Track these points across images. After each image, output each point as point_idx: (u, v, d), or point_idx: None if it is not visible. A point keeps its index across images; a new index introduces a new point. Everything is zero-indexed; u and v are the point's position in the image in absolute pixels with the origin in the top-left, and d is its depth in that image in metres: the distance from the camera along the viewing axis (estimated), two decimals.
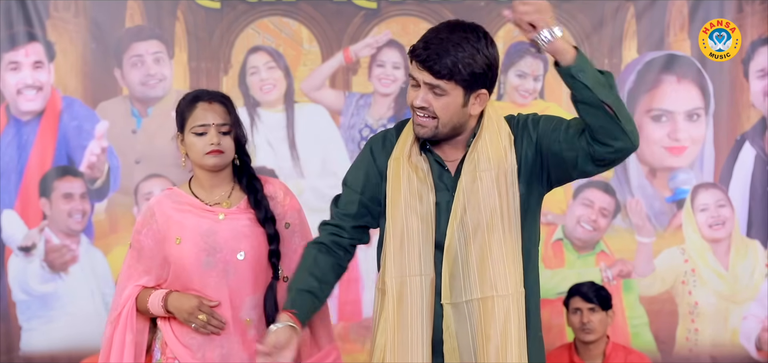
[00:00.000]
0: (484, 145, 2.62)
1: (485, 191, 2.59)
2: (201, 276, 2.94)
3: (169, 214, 3.01)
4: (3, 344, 4.84)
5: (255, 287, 2.97)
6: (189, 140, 2.99)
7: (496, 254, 2.57)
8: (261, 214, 2.98)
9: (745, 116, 4.85)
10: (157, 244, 3.00)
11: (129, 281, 3.05)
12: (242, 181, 3.03)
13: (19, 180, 4.86)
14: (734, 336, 4.80)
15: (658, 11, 4.84)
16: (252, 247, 2.96)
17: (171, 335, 2.99)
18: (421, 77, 2.56)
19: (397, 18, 4.91)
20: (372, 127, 4.89)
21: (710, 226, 4.83)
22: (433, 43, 2.55)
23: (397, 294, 2.62)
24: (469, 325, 2.58)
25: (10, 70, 4.86)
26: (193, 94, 3.05)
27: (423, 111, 2.58)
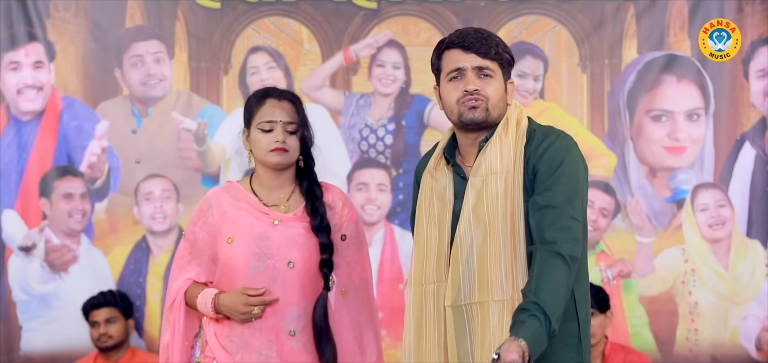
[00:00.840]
0: (494, 148, 2.61)
1: (491, 195, 2.58)
2: (247, 279, 2.89)
3: (226, 209, 2.95)
4: (3, 344, 4.84)
5: (302, 297, 2.91)
6: (254, 136, 2.92)
7: (495, 260, 2.55)
8: (316, 221, 2.92)
9: (745, 116, 4.85)
10: (210, 238, 2.95)
11: (180, 273, 3.00)
12: (303, 184, 2.97)
13: (20, 180, 4.86)
14: (734, 336, 4.80)
15: (658, 11, 4.84)
16: (303, 256, 2.91)
17: (212, 335, 2.93)
18: (469, 61, 2.61)
19: (397, 18, 4.91)
20: (372, 127, 4.89)
21: (710, 226, 4.83)
22: (471, 32, 2.64)
23: (416, 302, 2.65)
24: (467, 330, 2.57)
25: (10, 70, 4.86)
26: (263, 90, 3.00)
27: (476, 94, 2.60)
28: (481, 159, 2.61)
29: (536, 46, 4.88)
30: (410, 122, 4.88)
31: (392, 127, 4.88)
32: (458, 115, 2.63)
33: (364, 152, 4.88)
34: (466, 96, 2.60)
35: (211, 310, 2.91)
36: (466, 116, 2.61)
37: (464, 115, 2.62)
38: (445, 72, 2.65)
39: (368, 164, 4.86)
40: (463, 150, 2.69)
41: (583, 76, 4.90)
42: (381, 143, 4.88)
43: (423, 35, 4.89)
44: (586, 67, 4.90)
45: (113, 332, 4.53)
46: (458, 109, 2.62)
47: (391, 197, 4.84)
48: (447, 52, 2.65)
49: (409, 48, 4.89)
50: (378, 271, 4.82)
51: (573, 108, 4.89)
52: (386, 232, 4.84)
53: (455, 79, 2.63)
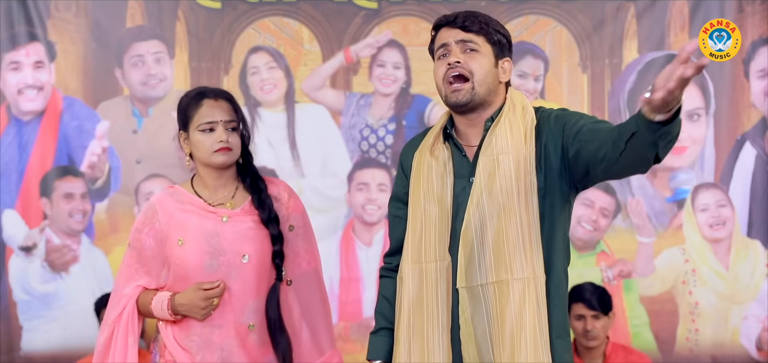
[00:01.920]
0: (503, 129, 2.60)
1: (503, 174, 2.56)
2: (203, 279, 2.87)
3: (172, 214, 2.93)
4: (4, 344, 4.84)
5: (258, 290, 2.91)
6: (195, 138, 2.90)
7: (513, 238, 2.53)
8: (265, 214, 2.92)
9: (745, 116, 4.85)
10: (158, 244, 2.93)
11: (128, 282, 2.97)
12: (246, 180, 2.96)
13: (20, 180, 4.86)
14: (735, 336, 4.80)
15: (659, 11, 4.84)
16: (256, 249, 2.90)
17: (170, 338, 2.92)
18: (452, 36, 2.61)
19: (397, 18, 4.91)
20: (372, 127, 4.89)
21: (711, 226, 4.83)
22: (459, 11, 2.66)
23: (415, 281, 2.61)
24: (484, 310, 2.54)
25: (11, 70, 4.86)
26: (196, 91, 2.98)
27: (458, 67, 2.59)
28: (491, 138, 2.59)
29: (537, 46, 4.89)
30: (411, 122, 4.88)
31: (393, 127, 4.88)
32: (445, 97, 2.63)
33: (365, 152, 4.88)
34: (449, 69, 2.60)
35: (168, 313, 2.89)
36: (451, 99, 2.61)
37: (449, 98, 2.61)
38: (435, 51, 2.66)
39: (369, 164, 4.87)
40: (462, 130, 2.67)
41: (584, 76, 4.90)
42: (381, 143, 4.89)
43: (423, 35, 4.89)
44: (586, 67, 4.90)
45: None
46: (445, 91, 2.62)
47: None
48: (437, 34, 2.67)
49: (409, 48, 4.89)
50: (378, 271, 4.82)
51: (573, 108, 4.84)
52: (386, 232, 4.83)
53: (442, 57, 2.63)
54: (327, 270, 4.93)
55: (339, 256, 4.85)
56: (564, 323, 2.63)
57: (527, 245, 2.54)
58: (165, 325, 2.94)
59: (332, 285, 4.82)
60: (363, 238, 4.86)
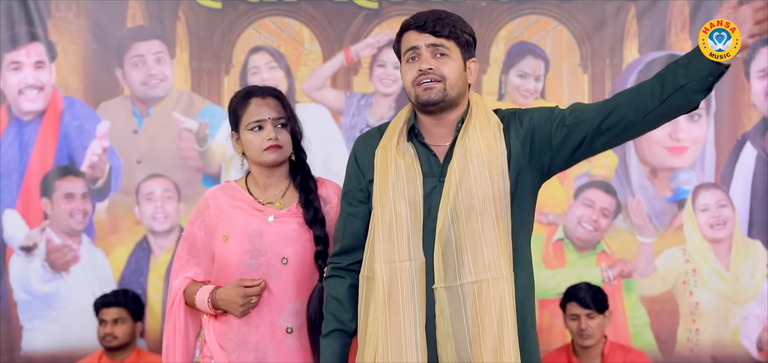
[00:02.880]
0: (474, 131, 2.64)
1: (476, 175, 2.60)
2: (242, 276, 2.88)
3: (222, 208, 2.95)
4: (4, 344, 4.84)
5: (298, 293, 2.89)
6: (245, 138, 2.92)
7: (490, 238, 2.58)
8: (309, 214, 2.91)
9: (746, 116, 4.85)
10: (207, 237, 2.95)
11: (179, 273, 3.00)
12: (297, 178, 2.97)
13: (21, 180, 4.87)
14: (735, 336, 4.80)
15: (659, 11, 4.84)
16: (297, 252, 2.89)
17: (210, 334, 2.93)
18: (423, 40, 2.63)
19: (398, 18, 4.89)
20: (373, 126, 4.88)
21: (711, 226, 4.83)
22: (427, 13, 2.66)
23: (387, 280, 2.61)
24: (463, 309, 2.57)
25: (11, 70, 4.87)
26: (245, 91, 2.98)
27: (430, 73, 2.62)
28: (464, 139, 2.64)
29: (537, 46, 4.89)
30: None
31: None
32: (415, 97, 2.65)
33: None
34: (421, 75, 2.63)
35: (209, 306, 2.91)
36: (422, 97, 2.63)
37: (420, 97, 2.64)
38: (403, 52, 2.67)
39: None
40: (427, 129, 2.70)
41: (584, 76, 4.90)
42: None
43: None
44: (587, 67, 4.90)
45: (119, 333, 4.51)
46: (414, 91, 2.65)
47: None
48: (404, 35, 2.68)
49: None
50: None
51: None
52: None
53: (411, 60, 2.65)
54: None
55: None
56: (534, 314, 2.70)
57: (503, 244, 2.59)
58: (207, 321, 2.95)
59: None
60: None
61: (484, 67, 4.84)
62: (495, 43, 4.85)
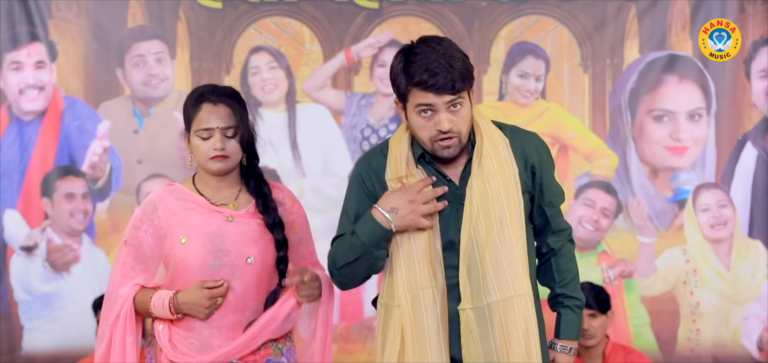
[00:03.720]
0: (487, 152, 2.68)
1: (494, 195, 2.65)
2: (204, 278, 2.82)
3: (173, 211, 2.86)
4: (5, 344, 4.84)
5: (257, 293, 2.87)
6: (194, 142, 2.85)
7: (510, 255, 2.64)
8: (270, 219, 2.87)
9: (746, 116, 4.85)
10: (157, 242, 2.85)
11: (124, 280, 2.89)
12: (250, 183, 2.90)
13: (21, 180, 4.87)
14: (736, 336, 4.80)
15: (660, 11, 4.84)
16: (260, 252, 2.85)
17: (166, 340, 2.85)
18: (441, 101, 2.59)
19: (398, 18, 4.91)
20: (374, 127, 4.89)
21: (712, 226, 4.83)
22: (438, 66, 2.58)
23: (411, 307, 2.66)
24: (490, 328, 2.63)
25: (12, 70, 4.87)
26: (198, 93, 2.89)
27: (450, 133, 2.61)
28: (478, 161, 2.67)
29: (538, 46, 4.88)
30: None
31: (394, 127, 4.88)
32: (432, 151, 2.66)
33: None
34: (440, 135, 2.62)
35: (170, 311, 2.82)
36: (442, 154, 2.65)
37: (439, 153, 2.65)
38: (414, 104, 2.62)
39: None
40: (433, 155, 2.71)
41: (585, 76, 4.90)
42: None
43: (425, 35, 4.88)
44: (587, 67, 4.89)
45: None
46: (432, 147, 2.65)
47: None
48: (416, 90, 2.60)
49: None
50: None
51: (574, 108, 4.89)
52: None
53: (425, 114, 2.62)
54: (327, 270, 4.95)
55: None
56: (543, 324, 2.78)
57: (522, 261, 2.66)
58: (162, 327, 2.87)
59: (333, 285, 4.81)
60: None
61: (484, 67, 4.84)
62: (495, 43, 4.84)
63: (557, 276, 2.76)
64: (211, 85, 2.94)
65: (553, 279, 2.77)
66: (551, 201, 2.77)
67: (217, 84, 2.99)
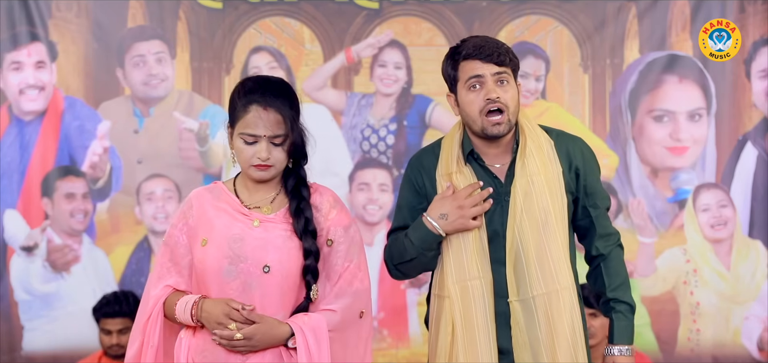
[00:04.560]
0: (531, 151, 2.80)
1: (538, 193, 2.77)
2: (220, 285, 2.61)
3: (205, 210, 2.68)
4: (5, 344, 4.84)
5: (280, 306, 2.61)
6: (237, 144, 2.64)
7: (554, 250, 2.76)
8: (300, 224, 2.63)
9: (746, 117, 4.85)
10: (190, 242, 2.68)
11: (159, 281, 2.70)
12: (288, 183, 2.68)
13: (21, 180, 4.87)
14: (736, 336, 4.79)
15: (660, 11, 4.84)
16: (280, 260, 2.60)
17: (185, 351, 2.64)
18: (488, 70, 2.74)
19: (398, 18, 4.91)
20: (374, 127, 4.89)
21: (712, 226, 4.83)
22: (486, 42, 2.78)
23: (461, 298, 2.77)
24: (536, 319, 2.75)
25: (12, 70, 4.87)
26: (248, 89, 2.65)
27: (497, 102, 2.73)
28: (523, 160, 2.79)
29: (538, 46, 4.88)
30: (412, 122, 4.88)
31: (394, 127, 4.88)
32: (482, 129, 2.77)
33: (366, 152, 4.88)
34: (489, 103, 2.74)
35: (191, 317, 2.62)
36: (492, 131, 2.76)
37: (489, 130, 2.76)
38: (464, 80, 2.77)
39: (370, 164, 4.87)
40: (483, 151, 2.82)
41: (585, 76, 4.90)
42: (383, 143, 4.89)
43: (425, 35, 4.89)
44: (587, 68, 4.89)
45: (125, 342, 4.47)
46: (482, 123, 2.76)
47: (393, 197, 4.84)
48: (465, 62, 2.77)
49: (410, 48, 4.89)
50: (379, 271, 4.81)
51: (574, 108, 4.89)
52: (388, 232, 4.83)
53: (475, 88, 2.75)
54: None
55: None
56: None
57: (565, 256, 2.79)
58: (186, 333, 2.67)
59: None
60: (364, 238, 4.81)
61: None
62: None
63: (608, 281, 2.85)
64: (263, 80, 2.71)
65: (604, 284, 2.86)
66: (596, 202, 2.85)
67: (270, 79, 2.73)
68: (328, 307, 2.65)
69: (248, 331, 2.58)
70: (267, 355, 2.62)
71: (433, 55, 4.85)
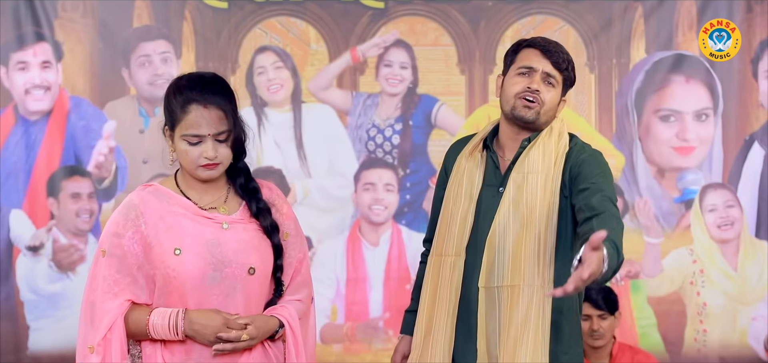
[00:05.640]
0: (538, 150, 2.84)
1: (530, 191, 2.80)
2: (202, 293, 2.54)
3: (160, 216, 2.57)
4: (11, 344, 4.85)
5: (258, 305, 2.61)
6: (180, 146, 2.56)
7: (530, 249, 2.77)
8: (266, 222, 2.61)
9: (753, 116, 4.84)
10: (144, 252, 2.54)
11: (108, 297, 2.52)
12: (237, 182, 2.64)
13: (27, 180, 4.87)
14: (743, 337, 4.78)
15: (667, 11, 4.83)
16: (263, 261, 2.60)
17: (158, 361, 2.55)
18: (542, 66, 2.84)
19: (404, 18, 4.90)
20: (379, 127, 4.88)
21: (719, 226, 4.82)
22: (552, 42, 2.89)
23: (434, 271, 2.89)
24: (497, 309, 2.78)
25: (18, 70, 4.87)
26: (186, 92, 2.57)
27: (536, 94, 2.81)
28: (525, 157, 2.84)
29: None
30: (417, 122, 4.88)
31: (399, 127, 4.88)
32: (512, 108, 2.84)
33: (372, 152, 4.87)
34: (527, 92, 2.82)
35: (174, 333, 2.52)
36: (519, 112, 2.83)
37: (517, 110, 2.83)
38: (518, 65, 2.86)
39: (375, 164, 4.86)
40: (504, 141, 2.91)
41: (591, 76, 4.89)
42: (388, 143, 4.88)
43: (430, 35, 4.89)
44: (594, 67, 4.88)
45: None
46: (514, 102, 2.84)
47: (399, 197, 4.84)
48: (526, 50, 2.87)
49: (416, 48, 4.88)
50: (385, 271, 4.82)
51: (581, 108, 4.88)
52: (393, 232, 4.83)
53: (523, 75, 2.84)
54: (333, 270, 4.96)
55: (345, 256, 4.84)
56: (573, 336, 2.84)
57: (541, 257, 2.78)
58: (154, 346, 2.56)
59: (339, 285, 4.82)
60: (370, 238, 4.86)
61: (490, 67, 4.83)
62: (501, 42, 4.83)
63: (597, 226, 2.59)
64: (198, 78, 2.62)
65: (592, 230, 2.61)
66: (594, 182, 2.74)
67: (202, 75, 2.64)
68: (294, 297, 2.69)
69: (252, 331, 2.58)
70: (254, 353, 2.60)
71: (439, 55, 4.85)
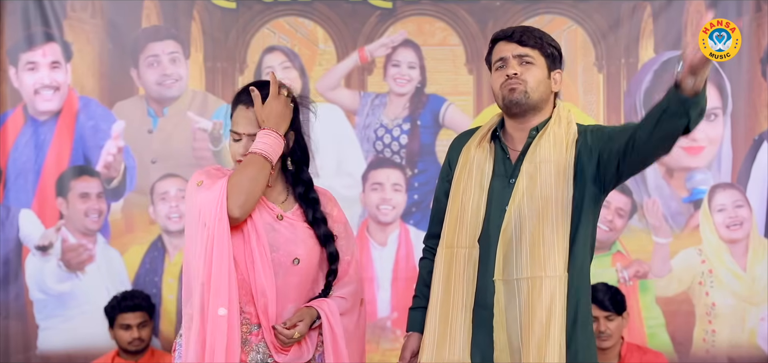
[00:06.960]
0: (548, 139, 2.85)
1: (543, 181, 2.82)
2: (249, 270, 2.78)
3: None
4: (20, 343, 4.86)
5: (298, 296, 2.84)
6: (230, 140, 2.85)
7: (548, 240, 2.77)
8: (320, 230, 2.86)
9: (762, 116, 4.82)
10: None
11: None
12: (296, 189, 2.89)
13: (36, 180, 4.89)
14: (751, 337, 4.77)
15: (675, 11, 4.82)
16: (308, 255, 2.84)
17: None
18: (510, 50, 2.88)
19: (412, 18, 4.90)
20: (387, 126, 4.88)
21: (728, 226, 4.80)
22: (515, 28, 2.93)
23: (446, 263, 2.86)
24: (517, 302, 2.77)
25: (27, 71, 4.89)
26: (239, 92, 2.87)
27: (514, 81, 2.85)
28: (536, 146, 2.85)
29: None
30: (425, 122, 4.88)
31: (407, 127, 4.87)
32: (501, 99, 2.89)
33: (380, 152, 4.88)
34: (507, 80, 2.86)
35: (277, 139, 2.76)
36: (507, 98, 2.87)
37: (505, 98, 2.87)
38: (493, 62, 2.92)
39: (383, 164, 4.86)
40: (510, 133, 2.93)
41: (600, 75, 4.88)
42: (396, 143, 4.88)
43: (438, 35, 4.89)
44: (602, 67, 4.88)
45: (145, 336, 4.53)
46: (501, 93, 2.88)
47: (406, 197, 4.84)
48: (495, 46, 2.93)
49: (424, 48, 4.88)
50: (393, 271, 4.82)
51: (589, 107, 4.87)
52: (401, 232, 4.83)
53: (500, 68, 2.90)
54: None
55: None
56: (589, 315, 2.88)
57: (559, 246, 2.78)
58: None
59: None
60: (377, 238, 4.86)
61: None
62: None
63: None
64: (257, 83, 2.89)
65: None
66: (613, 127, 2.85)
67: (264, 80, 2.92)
68: (338, 294, 2.90)
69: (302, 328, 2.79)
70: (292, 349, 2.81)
71: (447, 55, 4.85)
